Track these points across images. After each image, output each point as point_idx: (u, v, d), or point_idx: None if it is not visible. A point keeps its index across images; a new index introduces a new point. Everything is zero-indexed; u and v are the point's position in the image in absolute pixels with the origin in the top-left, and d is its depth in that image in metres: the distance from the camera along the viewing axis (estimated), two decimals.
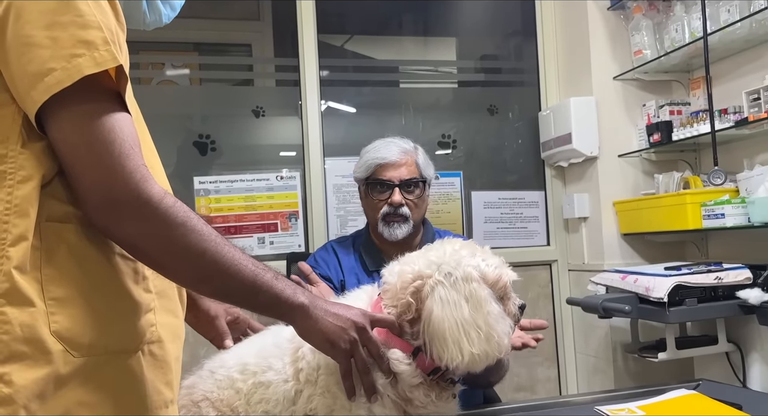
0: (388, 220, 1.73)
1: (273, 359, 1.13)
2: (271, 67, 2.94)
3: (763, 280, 1.93)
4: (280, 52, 2.89)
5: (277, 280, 0.96)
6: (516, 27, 3.03)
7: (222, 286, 0.92)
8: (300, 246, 2.60)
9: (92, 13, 0.81)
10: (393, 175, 1.74)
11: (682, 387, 1.52)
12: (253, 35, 2.99)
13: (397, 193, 1.72)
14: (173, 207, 0.85)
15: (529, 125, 2.89)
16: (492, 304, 1.07)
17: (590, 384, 2.68)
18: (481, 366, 1.05)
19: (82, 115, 0.81)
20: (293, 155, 2.70)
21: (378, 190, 1.75)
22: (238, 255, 0.92)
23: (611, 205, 2.56)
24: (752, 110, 2.05)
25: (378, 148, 1.78)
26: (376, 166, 1.74)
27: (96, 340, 0.83)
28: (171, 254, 0.87)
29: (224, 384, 1.15)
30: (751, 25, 2.03)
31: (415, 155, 1.79)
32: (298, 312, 0.99)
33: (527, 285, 2.83)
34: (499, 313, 1.07)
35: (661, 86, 2.61)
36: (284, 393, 1.10)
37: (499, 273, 1.12)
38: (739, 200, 2.01)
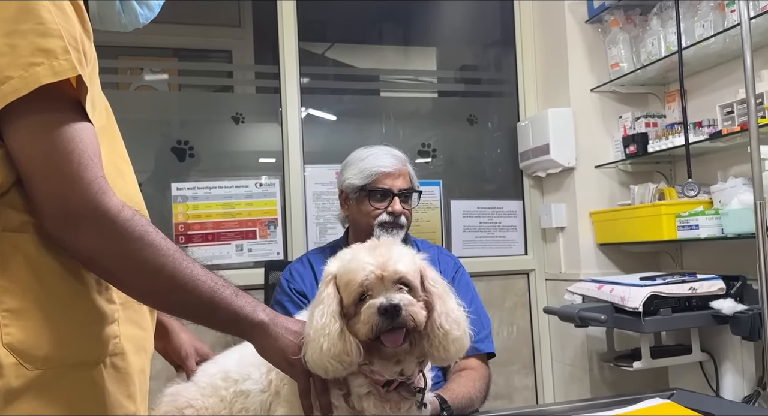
0: (386, 227, 1.74)
1: (252, 368, 1.13)
2: (252, 73, 2.93)
3: (736, 291, 1.97)
4: (261, 58, 2.88)
5: (236, 297, 0.95)
6: (495, 38, 3.06)
7: (179, 302, 0.91)
8: (279, 253, 2.58)
9: (54, 21, 0.79)
10: (393, 184, 1.75)
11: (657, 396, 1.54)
12: (234, 42, 2.98)
13: (397, 202, 1.74)
14: (131, 220, 0.84)
15: (508, 135, 2.91)
16: (321, 305, 1.01)
17: (566, 392, 2.70)
18: (320, 372, 0.99)
19: (41, 125, 0.79)
20: (273, 162, 2.69)
21: (378, 198, 1.74)
22: (197, 271, 0.90)
23: (588, 215, 2.59)
24: (726, 123, 2.09)
25: (377, 157, 1.78)
26: (377, 173, 1.74)
27: (53, 353, 0.81)
28: (127, 268, 0.86)
29: (208, 392, 1.15)
30: (724, 40, 2.08)
31: (407, 166, 1.81)
32: (257, 329, 0.98)
33: (505, 293, 2.85)
34: (321, 316, 1.00)
35: (638, 99, 2.65)
36: (261, 404, 1.10)
37: (349, 278, 1.01)
38: (712, 212, 2.05)
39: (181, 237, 2.50)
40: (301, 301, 1.68)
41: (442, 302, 1.05)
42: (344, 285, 1.02)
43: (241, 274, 2.44)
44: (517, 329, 2.84)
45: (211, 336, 1.09)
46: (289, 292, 1.73)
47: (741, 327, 1.84)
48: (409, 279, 1.01)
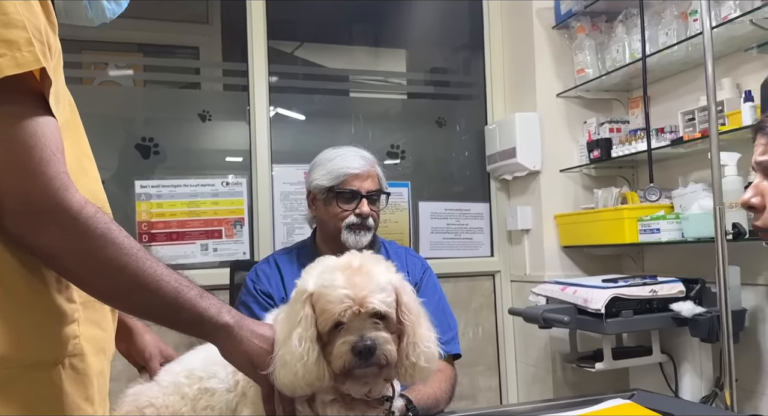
0: (354, 229, 1.73)
1: (218, 367, 1.11)
2: (219, 71, 2.89)
3: (695, 294, 2.02)
4: (229, 56, 2.85)
5: (201, 298, 0.93)
6: (464, 41, 3.08)
7: (142, 302, 0.90)
8: (245, 253, 2.56)
9: (18, 12, 0.77)
10: (361, 185, 1.73)
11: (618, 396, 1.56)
12: (201, 38, 2.94)
13: (365, 203, 1.72)
14: (93, 217, 0.82)
15: (476, 138, 2.94)
16: (299, 329, 0.98)
17: (530, 393, 2.73)
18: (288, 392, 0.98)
19: (2, 117, 0.77)
20: (240, 161, 2.66)
21: (346, 199, 1.72)
22: (161, 271, 0.88)
23: (552, 218, 2.63)
24: (687, 130, 2.14)
25: (345, 158, 1.76)
26: (345, 175, 1.72)
27: (10, 353, 0.79)
28: (88, 267, 0.83)
29: (170, 390, 1.13)
30: (687, 49, 2.13)
31: (376, 167, 1.80)
32: (221, 332, 0.96)
33: (471, 295, 2.87)
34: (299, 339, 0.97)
35: (602, 104, 2.70)
36: (227, 403, 1.08)
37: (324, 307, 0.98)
38: (673, 216, 2.10)
39: (145, 236, 2.45)
40: (267, 303, 1.65)
41: (413, 332, 1.04)
42: (320, 310, 1.00)
43: (206, 274, 2.41)
44: (483, 330, 2.87)
45: (175, 337, 1.07)
46: (255, 293, 1.71)
47: (700, 329, 1.89)
48: (384, 314, 1.00)
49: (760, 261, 1.99)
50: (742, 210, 1.86)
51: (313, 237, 1.85)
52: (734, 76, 2.09)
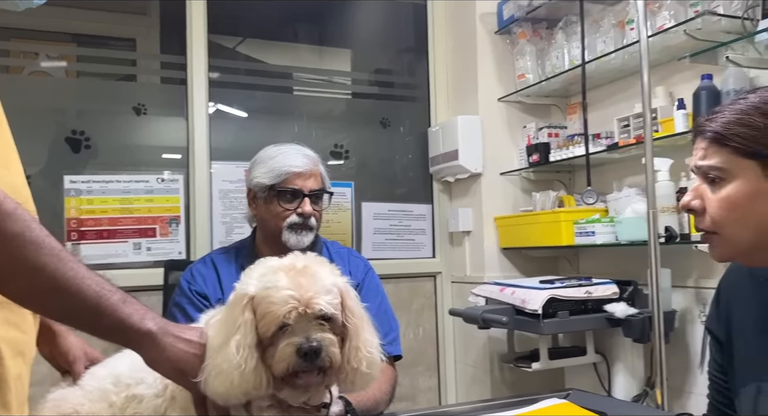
0: (296, 229, 1.69)
1: (145, 373, 1.05)
2: (157, 63, 2.80)
3: (628, 295, 2.08)
4: (167, 49, 2.76)
5: (124, 304, 0.89)
6: (409, 44, 3.09)
7: (61, 306, 0.85)
8: (180, 253, 2.48)
9: None
10: (304, 184, 1.69)
11: (554, 396, 1.59)
12: (139, 30, 2.84)
13: (308, 203, 1.68)
14: (12, 214, 0.77)
15: (419, 140, 2.95)
16: (237, 335, 0.94)
17: (468, 393, 2.76)
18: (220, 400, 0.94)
19: None
20: (177, 157, 2.58)
21: (287, 198, 1.69)
22: (83, 273, 0.84)
23: (493, 220, 2.67)
24: (622, 136, 2.21)
25: (287, 156, 1.72)
26: (287, 173, 1.68)
27: None
28: (4, 266, 0.78)
29: (96, 397, 1.07)
30: (624, 57, 2.19)
31: (319, 166, 1.77)
32: (144, 340, 0.92)
33: (413, 296, 2.88)
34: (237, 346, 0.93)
35: (541, 109, 2.75)
36: (155, 409, 1.03)
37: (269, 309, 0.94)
38: (608, 219, 2.16)
39: (74, 234, 2.34)
40: (202, 304, 1.60)
41: (357, 336, 1.02)
42: (262, 313, 0.95)
43: (139, 274, 2.33)
44: (424, 331, 2.88)
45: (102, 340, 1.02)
46: (190, 294, 1.65)
47: (632, 329, 1.95)
48: (331, 316, 0.97)
49: (690, 264, 2.06)
50: (674, 214, 1.93)
51: (252, 236, 1.81)
52: (668, 85, 2.16)
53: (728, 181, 0.93)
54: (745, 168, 0.91)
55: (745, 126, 0.91)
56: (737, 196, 0.92)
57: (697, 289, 2.07)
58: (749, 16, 1.81)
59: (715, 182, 0.94)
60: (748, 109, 0.92)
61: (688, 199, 0.98)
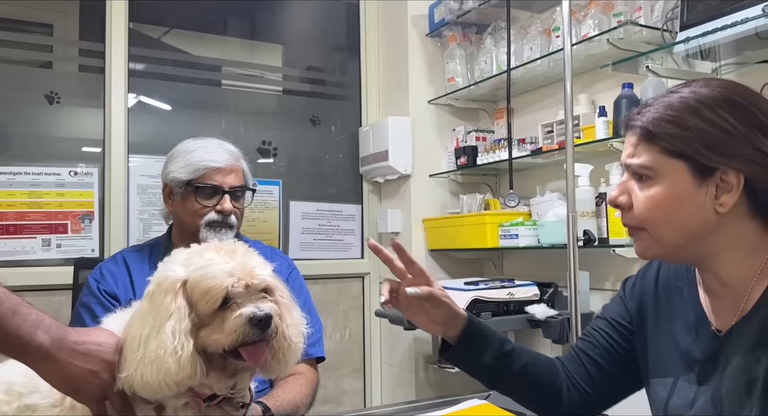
0: (215, 227, 1.61)
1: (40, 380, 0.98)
2: (75, 50, 2.65)
3: (549, 297, 2.12)
4: (87, 36, 2.62)
5: (14, 315, 0.83)
6: (341, 43, 3.06)
7: None
8: (93, 250, 2.35)
9: None
10: (224, 180, 1.62)
11: (475, 397, 1.60)
12: (56, 15, 2.68)
13: (228, 200, 1.61)
14: None
15: (350, 139, 2.93)
16: (171, 321, 0.91)
17: (394, 394, 2.76)
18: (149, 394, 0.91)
19: None
20: (92, 150, 2.45)
21: (206, 194, 1.61)
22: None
23: (421, 221, 2.67)
24: (546, 141, 2.26)
25: (207, 150, 1.64)
26: (205, 168, 1.60)
27: None
28: None
29: None
30: (549, 64, 2.25)
31: (241, 161, 1.70)
32: (34, 354, 0.86)
33: (340, 297, 2.85)
34: (172, 332, 0.90)
35: (470, 113, 2.79)
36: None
37: (209, 285, 0.92)
38: (531, 223, 2.20)
39: None
40: (112, 304, 1.51)
41: (290, 313, 1.02)
42: (201, 292, 0.92)
43: (48, 272, 2.21)
44: (350, 332, 2.86)
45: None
46: (98, 294, 1.56)
47: (551, 330, 1.99)
48: (272, 288, 0.97)
49: (608, 268, 2.13)
50: (593, 218, 1.99)
51: (168, 234, 1.73)
52: (590, 92, 2.23)
53: (656, 180, 0.91)
54: (673, 168, 0.89)
55: (675, 125, 0.89)
56: (664, 197, 0.90)
57: (615, 292, 2.13)
58: (668, 28, 1.88)
59: (643, 180, 0.92)
60: (680, 105, 0.90)
61: (616, 194, 0.97)
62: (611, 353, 1.11)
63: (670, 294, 1.05)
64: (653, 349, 1.05)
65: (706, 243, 0.91)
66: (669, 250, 0.94)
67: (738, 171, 0.87)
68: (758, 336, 0.87)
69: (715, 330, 0.95)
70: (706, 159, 0.87)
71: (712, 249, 0.92)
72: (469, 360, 1.11)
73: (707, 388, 0.92)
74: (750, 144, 0.87)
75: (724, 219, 0.89)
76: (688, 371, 0.97)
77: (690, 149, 0.88)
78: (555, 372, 1.13)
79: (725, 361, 0.91)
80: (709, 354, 0.95)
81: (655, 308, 1.07)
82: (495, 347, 1.10)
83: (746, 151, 0.86)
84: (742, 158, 0.87)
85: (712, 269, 0.94)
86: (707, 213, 0.89)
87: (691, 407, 0.94)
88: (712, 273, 0.95)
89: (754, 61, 1.77)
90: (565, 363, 1.15)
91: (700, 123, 0.88)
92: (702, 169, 0.88)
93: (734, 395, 0.87)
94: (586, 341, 1.15)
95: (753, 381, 0.85)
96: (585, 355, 1.14)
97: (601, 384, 1.12)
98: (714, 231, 0.90)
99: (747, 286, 0.91)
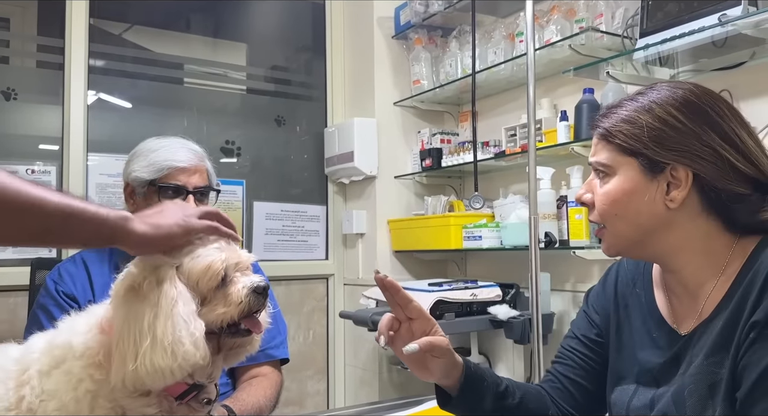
0: None
1: None
2: (32, 45, 2.58)
3: (511, 298, 2.15)
4: (45, 31, 2.56)
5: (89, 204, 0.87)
6: (307, 42, 3.05)
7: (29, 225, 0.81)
8: (51, 250, 2.29)
9: None
10: (188, 180, 1.58)
11: None
12: (13, 8, 2.61)
13: (191, 200, 1.57)
14: None
15: (315, 140, 2.92)
16: (179, 305, 0.92)
17: (357, 396, 2.76)
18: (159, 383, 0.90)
19: None
20: (50, 148, 2.39)
21: (169, 195, 1.56)
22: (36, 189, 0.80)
23: (386, 223, 2.68)
24: (509, 144, 2.29)
25: (170, 149, 1.60)
26: (169, 168, 1.56)
27: None
28: None
29: None
30: (512, 68, 2.28)
31: (205, 161, 1.65)
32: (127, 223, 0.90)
33: (304, 298, 2.84)
34: (185, 315, 0.91)
35: (435, 116, 2.81)
36: None
37: (208, 261, 0.95)
38: (494, 225, 2.23)
39: None
40: (70, 306, 1.47)
41: None
42: (201, 271, 0.95)
43: (4, 273, 2.16)
44: (314, 334, 2.84)
45: None
46: (56, 296, 1.51)
47: (513, 331, 2.02)
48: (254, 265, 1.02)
49: (568, 269, 2.17)
50: (554, 221, 2.02)
51: None
52: (552, 97, 2.27)
53: (611, 176, 0.94)
54: (625, 165, 0.93)
55: (629, 123, 0.92)
56: (616, 192, 0.93)
57: (575, 293, 2.18)
58: (628, 35, 1.93)
59: (602, 177, 0.96)
60: (637, 106, 0.93)
61: (581, 192, 1.00)
62: (589, 371, 1.10)
63: (627, 301, 1.07)
64: (615, 358, 1.06)
65: (662, 239, 0.94)
66: (628, 245, 0.97)
67: (687, 167, 0.89)
68: (720, 338, 0.88)
69: (677, 331, 0.97)
70: (656, 154, 0.90)
71: (669, 247, 0.94)
72: (472, 408, 1.05)
73: (668, 389, 0.93)
74: (699, 140, 0.89)
75: (676, 215, 0.92)
76: (648, 375, 0.98)
77: (640, 145, 0.91)
78: (545, 402, 1.11)
79: (687, 363, 0.92)
80: (670, 356, 0.96)
81: (616, 317, 1.08)
82: (492, 389, 1.05)
83: (695, 148, 0.89)
84: (691, 154, 0.89)
85: (674, 269, 0.96)
86: (658, 208, 0.91)
87: (652, 408, 0.95)
88: (674, 273, 0.97)
89: (710, 68, 1.83)
90: (548, 390, 1.13)
91: (650, 121, 0.90)
92: (652, 164, 0.91)
93: (697, 396, 0.88)
94: (563, 364, 1.13)
95: (716, 383, 0.87)
96: (565, 378, 1.12)
97: (586, 403, 1.11)
98: (668, 227, 0.93)
99: (707, 288, 0.93)
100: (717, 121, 0.90)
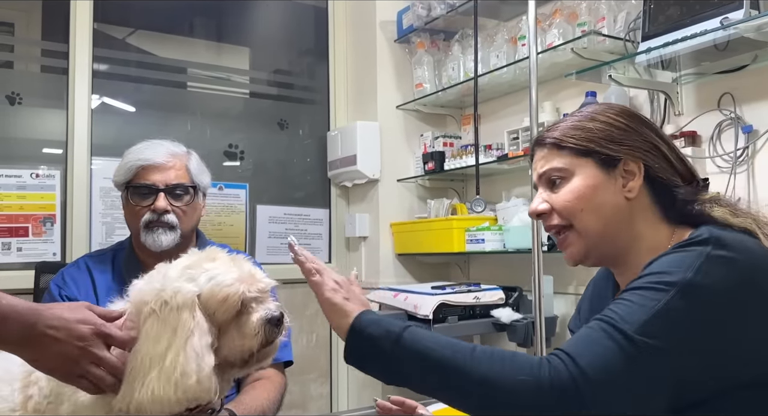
0: (151, 227, 1.53)
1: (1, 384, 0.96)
2: (37, 50, 2.60)
3: (514, 301, 2.15)
4: (50, 36, 2.57)
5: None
6: (310, 46, 3.06)
7: None
8: (55, 254, 2.30)
9: None
10: (158, 178, 1.54)
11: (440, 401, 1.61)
12: (18, 14, 2.63)
13: (161, 198, 1.53)
14: None
15: (318, 143, 2.92)
16: (194, 337, 0.92)
17: (360, 398, 2.76)
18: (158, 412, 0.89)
19: None
20: (54, 152, 2.40)
21: (141, 194, 1.54)
22: None
23: (389, 226, 2.68)
24: (512, 148, 2.29)
25: (141, 149, 1.58)
26: (138, 168, 1.54)
27: None
28: None
29: None
30: (515, 72, 2.28)
31: (186, 159, 1.61)
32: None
33: (307, 302, 2.83)
34: (198, 349, 0.91)
35: (438, 119, 2.81)
36: None
37: (225, 293, 0.96)
38: (497, 228, 2.23)
39: None
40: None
41: None
42: (218, 302, 0.96)
43: (8, 277, 2.16)
44: (317, 337, 2.84)
45: None
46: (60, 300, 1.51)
47: (516, 334, 2.02)
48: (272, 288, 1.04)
49: (570, 272, 2.17)
50: None
51: (130, 238, 1.68)
52: (555, 100, 2.27)
53: (569, 178, 1.00)
54: (582, 165, 1.00)
55: (578, 129, 1.01)
56: (580, 188, 0.99)
57: (577, 296, 2.18)
58: (630, 38, 1.93)
59: (557, 184, 1.02)
60: (581, 117, 1.03)
61: (535, 204, 1.05)
62: None
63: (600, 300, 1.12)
64: None
65: (623, 233, 0.99)
66: (595, 243, 1.01)
67: (638, 159, 0.98)
68: None
69: None
70: (609, 150, 0.99)
71: (629, 240, 0.99)
72: None
73: None
74: (641, 137, 1.00)
75: (634, 206, 0.99)
76: None
77: (594, 144, 0.99)
78: None
79: None
80: None
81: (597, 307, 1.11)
82: None
83: (639, 142, 0.99)
84: (638, 148, 0.99)
85: (629, 266, 1.00)
86: (619, 199, 0.99)
87: None
88: (626, 273, 1.00)
89: (712, 71, 1.83)
90: None
91: (598, 124, 1.00)
92: (607, 160, 0.99)
93: None
94: None
95: None
96: None
97: None
98: (629, 219, 0.99)
99: None
100: (649, 123, 1.03)
